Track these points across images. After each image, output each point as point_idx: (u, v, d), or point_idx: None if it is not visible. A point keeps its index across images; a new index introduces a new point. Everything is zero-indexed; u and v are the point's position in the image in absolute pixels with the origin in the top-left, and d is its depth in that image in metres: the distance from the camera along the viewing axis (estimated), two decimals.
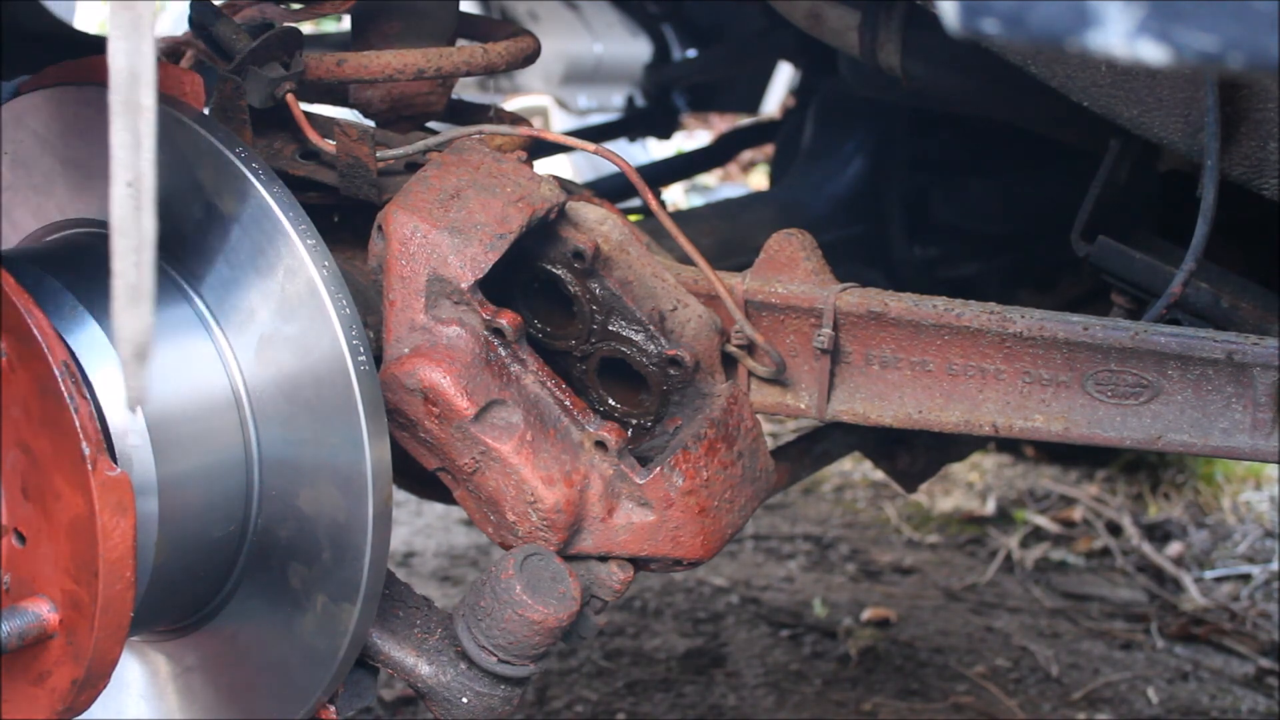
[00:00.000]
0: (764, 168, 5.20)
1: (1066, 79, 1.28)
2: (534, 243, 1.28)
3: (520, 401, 1.22)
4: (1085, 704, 2.47)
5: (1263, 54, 0.62)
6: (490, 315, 1.21)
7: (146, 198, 0.95)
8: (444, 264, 1.21)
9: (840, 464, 3.32)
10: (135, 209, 0.94)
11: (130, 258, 0.95)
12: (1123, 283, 1.44)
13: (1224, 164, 1.22)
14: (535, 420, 1.22)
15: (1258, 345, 1.18)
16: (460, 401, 1.20)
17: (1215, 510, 3.26)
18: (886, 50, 1.70)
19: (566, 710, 2.40)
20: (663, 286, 1.30)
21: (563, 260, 1.29)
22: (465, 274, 1.20)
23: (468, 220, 1.22)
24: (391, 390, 1.21)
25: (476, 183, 1.25)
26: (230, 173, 1.15)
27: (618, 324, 1.29)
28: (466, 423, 1.20)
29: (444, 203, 1.23)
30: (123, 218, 0.95)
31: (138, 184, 0.94)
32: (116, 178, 0.94)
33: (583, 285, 1.29)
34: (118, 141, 0.93)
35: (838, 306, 1.28)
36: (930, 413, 1.28)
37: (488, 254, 1.21)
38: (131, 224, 0.95)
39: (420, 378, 1.20)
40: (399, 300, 1.23)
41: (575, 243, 1.28)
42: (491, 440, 1.20)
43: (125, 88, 0.93)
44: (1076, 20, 0.65)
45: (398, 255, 1.22)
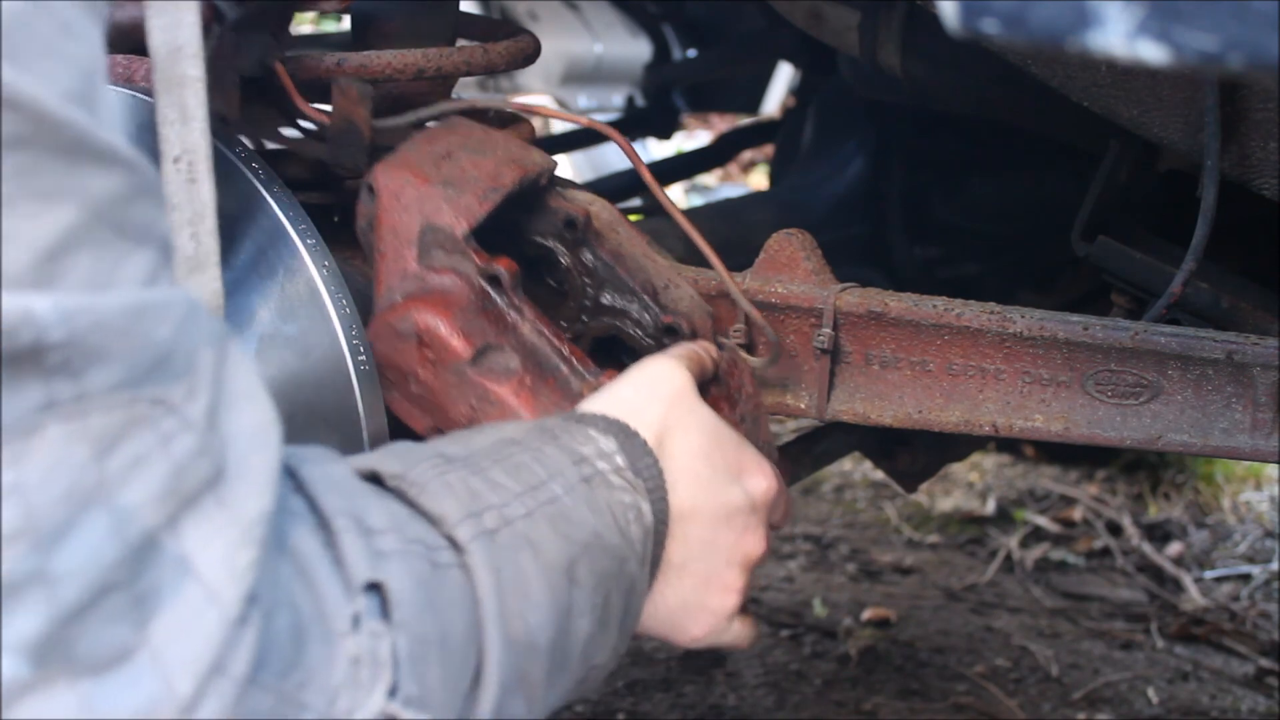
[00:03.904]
0: (764, 168, 5.20)
1: (1066, 79, 1.28)
2: (524, 217, 1.26)
3: (518, 348, 1.19)
4: (1085, 704, 2.47)
5: (1263, 54, 0.62)
6: (485, 263, 1.18)
7: (201, 169, 0.95)
8: (437, 212, 1.18)
9: (840, 464, 3.32)
10: (189, 181, 0.95)
11: (186, 230, 0.96)
12: (1123, 283, 1.44)
13: (1224, 164, 1.22)
14: (534, 367, 1.18)
15: (1258, 345, 1.18)
16: (456, 342, 1.16)
17: (1215, 510, 3.26)
18: (886, 50, 1.70)
19: (566, 710, 2.40)
20: (654, 265, 1.28)
21: (554, 233, 1.26)
22: (459, 222, 1.18)
23: (460, 175, 1.20)
24: (382, 340, 1.18)
25: (468, 146, 1.23)
26: (230, 173, 1.15)
27: (611, 297, 1.26)
28: (463, 365, 1.16)
29: (435, 161, 1.21)
30: (174, 192, 0.95)
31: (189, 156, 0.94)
32: (165, 154, 0.94)
33: (574, 257, 1.26)
34: (164, 119, 0.93)
35: (838, 306, 1.28)
36: (930, 413, 1.28)
37: (481, 204, 1.19)
38: (184, 197, 0.95)
39: (414, 320, 1.16)
40: (390, 252, 1.19)
41: (567, 211, 1.25)
42: (490, 383, 1.16)
43: (167, 63, 0.92)
44: (1076, 20, 0.65)
45: (388, 208, 1.19)
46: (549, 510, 0.94)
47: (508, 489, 0.93)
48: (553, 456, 0.99)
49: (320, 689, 0.75)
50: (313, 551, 0.79)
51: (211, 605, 0.69)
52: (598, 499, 0.98)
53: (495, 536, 0.89)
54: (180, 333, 0.71)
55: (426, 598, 0.82)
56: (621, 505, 1.00)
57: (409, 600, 0.81)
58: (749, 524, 1.10)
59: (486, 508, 0.90)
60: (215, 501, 0.71)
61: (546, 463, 0.97)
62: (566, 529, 0.94)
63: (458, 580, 0.85)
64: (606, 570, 0.97)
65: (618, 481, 1.01)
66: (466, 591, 0.85)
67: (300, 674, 0.74)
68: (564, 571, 0.92)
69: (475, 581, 0.86)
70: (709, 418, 1.11)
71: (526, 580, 0.89)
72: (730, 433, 1.12)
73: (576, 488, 0.98)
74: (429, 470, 0.91)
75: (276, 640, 0.73)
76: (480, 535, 0.88)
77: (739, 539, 1.09)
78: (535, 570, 0.90)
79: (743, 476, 1.10)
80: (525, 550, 0.90)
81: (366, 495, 0.85)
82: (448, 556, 0.86)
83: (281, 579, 0.76)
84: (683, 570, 1.07)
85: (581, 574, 0.94)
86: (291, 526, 0.79)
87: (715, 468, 1.08)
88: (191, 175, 0.94)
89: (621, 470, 1.02)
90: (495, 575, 0.87)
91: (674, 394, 1.10)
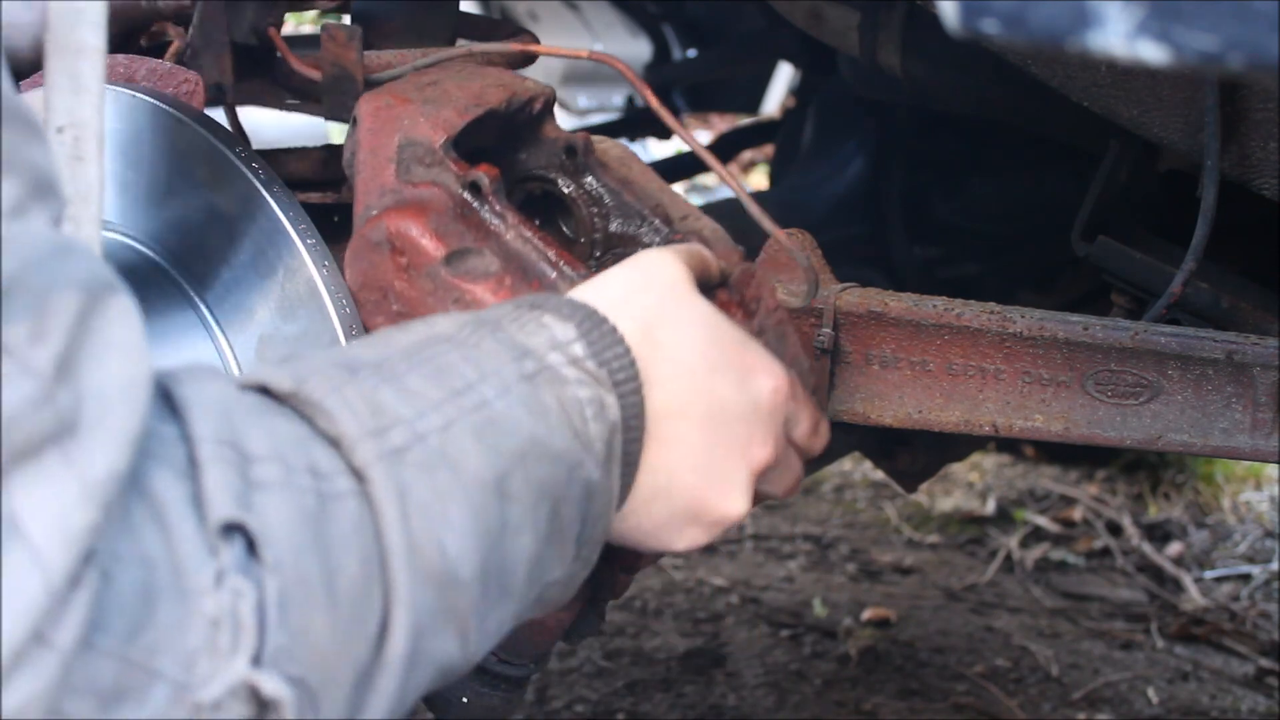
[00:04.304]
0: (764, 168, 5.20)
1: (1066, 79, 1.28)
2: (522, 153, 1.20)
3: (499, 253, 1.11)
4: (1085, 704, 2.47)
5: (1263, 54, 0.62)
6: (464, 171, 1.12)
7: (90, 146, 0.85)
8: (415, 127, 1.12)
9: (840, 464, 3.32)
10: (74, 158, 0.85)
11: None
12: (1123, 283, 1.44)
13: (1224, 164, 1.22)
14: (516, 270, 1.10)
15: (1258, 345, 1.18)
16: (428, 243, 1.09)
17: (1215, 510, 3.26)
18: (886, 50, 1.70)
19: (566, 710, 2.40)
20: (672, 198, 1.19)
21: (555, 165, 1.19)
22: (436, 133, 1.12)
23: (442, 95, 1.15)
24: (358, 256, 1.11)
25: (455, 75, 1.19)
26: (230, 173, 1.15)
27: (619, 223, 1.17)
28: (437, 266, 1.08)
29: (419, 88, 1.16)
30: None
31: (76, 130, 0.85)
32: (48, 123, 0.84)
33: (578, 185, 1.18)
34: (52, 84, 0.84)
35: (838, 306, 1.28)
36: (930, 413, 1.28)
37: (461, 116, 1.13)
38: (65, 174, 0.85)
39: (386, 227, 1.10)
40: (367, 171, 1.14)
41: (566, 138, 1.18)
42: (466, 284, 1.08)
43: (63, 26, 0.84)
44: (1076, 20, 0.65)
45: (367, 129, 1.14)
46: (474, 419, 0.83)
47: (424, 398, 0.82)
48: (490, 353, 0.87)
49: (174, 654, 0.67)
50: (172, 493, 0.70)
51: (35, 569, 0.63)
52: (542, 398, 0.87)
53: (403, 456, 0.78)
54: (29, 270, 0.65)
55: (309, 536, 0.72)
56: (576, 401, 0.89)
57: (284, 540, 0.71)
58: (753, 430, 0.99)
59: (394, 423, 0.79)
60: (60, 457, 0.64)
61: (480, 361, 0.86)
62: (495, 438, 0.83)
63: (352, 512, 0.75)
64: (550, 479, 0.86)
65: (572, 374, 0.89)
66: (365, 524, 0.75)
67: (150, 638, 0.67)
68: (492, 487, 0.82)
69: (376, 511, 0.76)
70: (707, 312, 1.00)
71: (443, 503, 0.79)
72: (735, 330, 1.01)
73: (514, 388, 0.86)
74: (325, 384, 0.79)
75: (121, 601, 0.66)
76: (383, 456, 0.77)
77: (741, 445, 0.98)
78: (454, 490, 0.80)
79: (747, 377, 0.99)
80: (441, 469, 0.79)
81: (251, 415, 0.75)
82: (344, 484, 0.75)
83: (134, 529, 0.68)
84: (671, 476, 0.96)
85: (516, 487, 0.83)
86: (153, 464, 0.70)
87: (712, 364, 0.98)
88: (78, 152, 0.85)
89: (579, 360, 0.90)
90: (400, 501, 0.76)
91: (666, 284, 1.00)
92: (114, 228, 1.20)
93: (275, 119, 2.70)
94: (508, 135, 1.18)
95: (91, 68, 0.85)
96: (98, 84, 0.85)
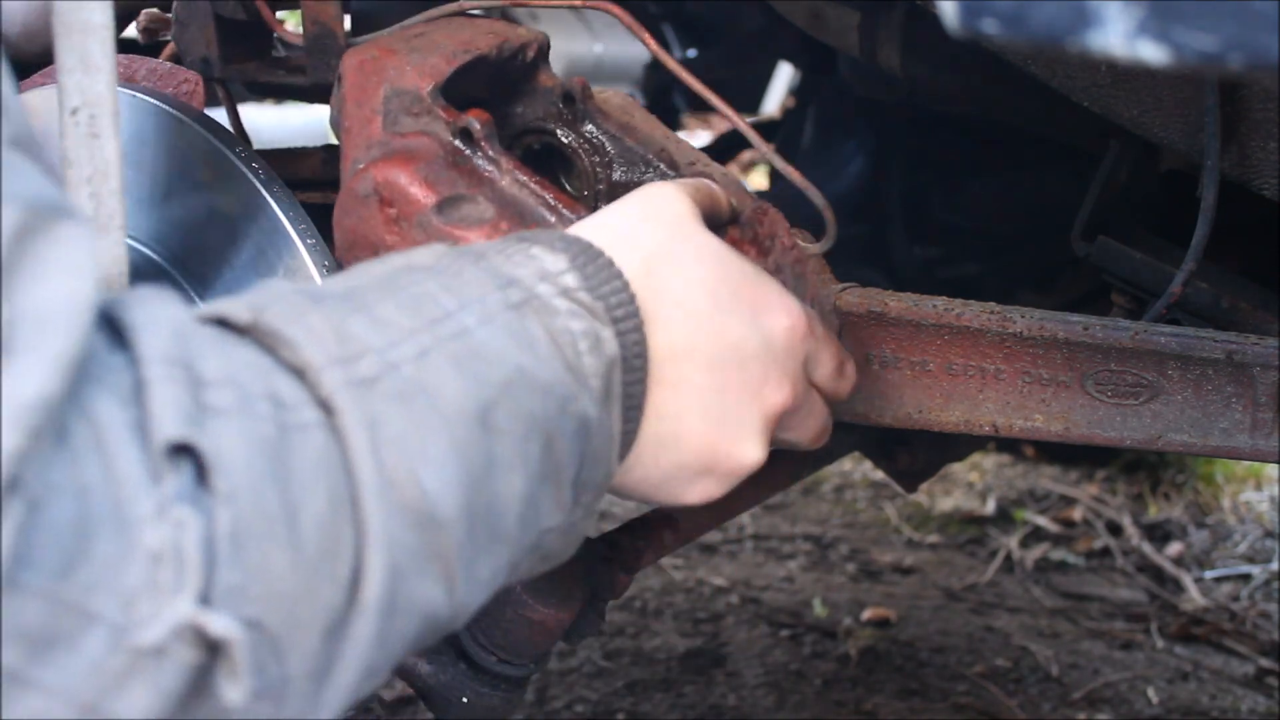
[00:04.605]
0: (764, 168, 5.20)
1: (1066, 79, 1.28)
2: (518, 106, 1.15)
3: (494, 199, 1.05)
4: (1085, 704, 2.47)
5: (1263, 54, 0.62)
6: (454, 118, 1.06)
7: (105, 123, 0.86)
8: (401, 76, 1.07)
9: (840, 464, 3.32)
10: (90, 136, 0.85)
11: (84, 189, 0.86)
12: (1123, 283, 1.44)
13: (1224, 164, 1.22)
14: (513, 215, 1.04)
15: (1258, 345, 1.17)
16: (416, 190, 1.03)
17: (1215, 510, 3.26)
18: (886, 50, 1.70)
19: (566, 710, 2.40)
20: (679, 146, 1.13)
21: (553, 115, 1.13)
22: (424, 80, 1.07)
23: (429, 44, 1.10)
24: (347, 213, 1.06)
25: (444, 26, 1.14)
26: (231, 173, 1.15)
27: (622, 171, 1.11)
28: (428, 214, 1.03)
29: (406, 40, 1.12)
30: (71, 146, 0.86)
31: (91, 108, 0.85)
32: (63, 105, 0.84)
33: (577, 134, 1.13)
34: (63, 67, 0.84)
35: (838, 306, 1.28)
36: (930, 413, 1.28)
37: (449, 62, 1.08)
38: (84, 152, 0.85)
39: (373, 178, 1.04)
40: (354, 125, 1.08)
41: (562, 84, 1.13)
42: (459, 231, 1.04)
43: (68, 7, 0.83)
44: (1076, 20, 0.65)
45: (352, 83, 1.09)
46: (453, 347, 0.76)
47: (397, 326, 0.75)
48: (471, 281, 0.81)
49: (112, 593, 0.61)
50: (115, 418, 0.63)
51: None
52: (529, 327, 0.81)
53: (375, 386, 0.72)
54: None
55: (268, 467, 0.66)
56: (568, 332, 0.82)
57: (239, 469, 0.65)
58: (768, 370, 0.92)
59: (364, 351, 0.73)
60: None
61: (460, 290, 0.80)
62: (478, 368, 0.77)
63: (318, 444, 0.69)
64: (541, 411, 0.79)
65: (563, 305, 0.83)
66: (332, 457, 0.69)
67: (85, 575, 0.61)
68: (475, 419, 0.75)
69: (345, 443, 0.70)
70: (716, 246, 0.94)
71: (421, 435, 0.72)
72: (746, 266, 0.94)
73: (497, 316, 0.80)
74: (287, 312, 0.73)
75: (52, 534, 0.60)
76: (351, 384, 0.71)
77: (754, 387, 0.91)
78: (433, 422, 0.73)
79: (760, 314, 0.92)
80: (417, 399, 0.73)
81: (206, 341, 0.69)
82: (308, 415, 0.69)
83: (72, 457, 0.61)
84: (679, 422, 0.89)
85: (501, 419, 0.76)
86: (96, 388, 0.64)
87: (720, 302, 0.91)
88: (94, 130, 0.85)
89: (571, 291, 0.84)
90: (371, 432, 0.70)
91: (670, 217, 0.93)
92: None
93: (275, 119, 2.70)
94: (502, 86, 1.13)
95: (100, 45, 0.84)
96: (108, 62, 0.84)
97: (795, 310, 0.95)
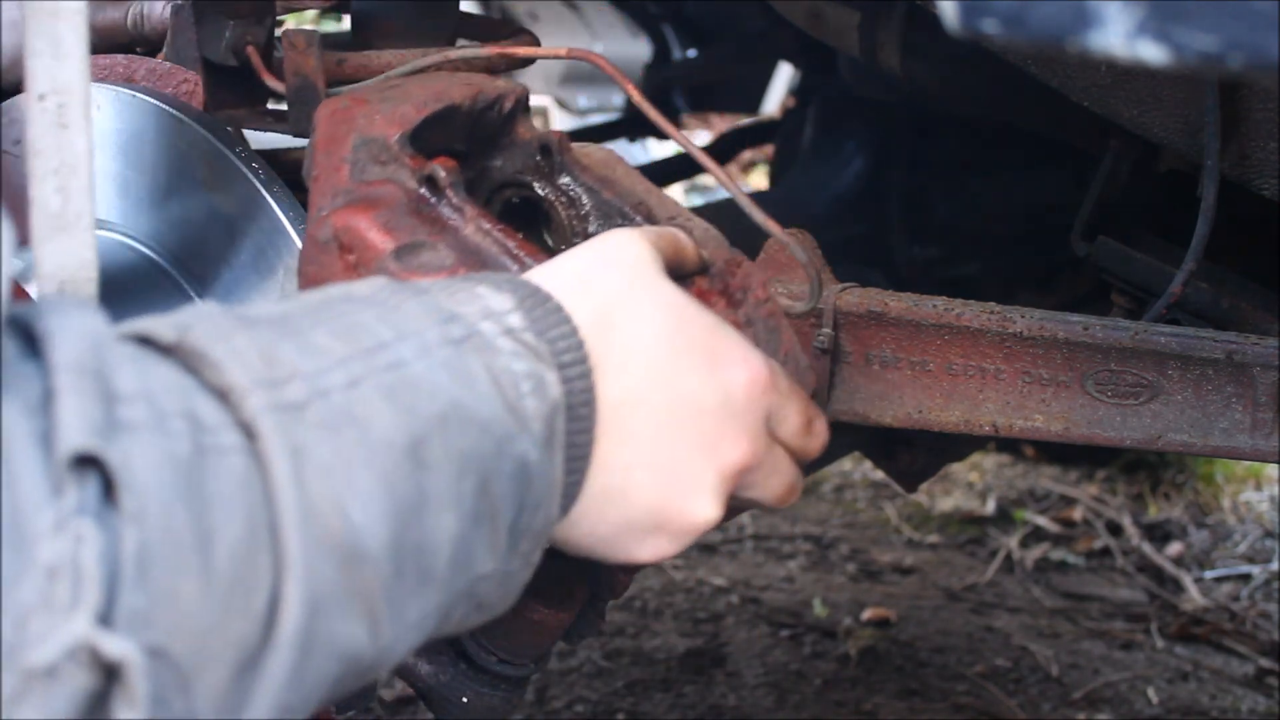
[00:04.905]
0: (764, 168, 5.20)
1: (1066, 79, 1.28)
2: (496, 160, 1.14)
3: (455, 246, 1.03)
4: (1085, 704, 2.47)
5: (1263, 54, 0.62)
6: (420, 165, 1.05)
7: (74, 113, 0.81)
8: (370, 125, 1.06)
9: (840, 464, 3.32)
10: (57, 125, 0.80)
11: (50, 182, 0.80)
12: (1123, 283, 1.45)
13: (1224, 164, 1.22)
14: (474, 263, 1.02)
15: (1258, 345, 1.17)
16: (375, 236, 1.01)
17: (1215, 510, 3.26)
18: (886, 50, 1.70)
19: (566, 710, 2.40)
20: (660, 200, 1.11)
21: (531, 167, 1.12)
22: (392, 128, 1.05)
23: (401, 94, 1.09)
24: (307, 261, 1.04)
25: (422, 78, 1.13)
26: (231, 173, 1.15)
27: (598, 225, 1.10)
28: (385, 260, 1.01)
29: (380, 89, 1.11)
30: (39, 135, 0.80)
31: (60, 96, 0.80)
32: (30, 90, 0.80)
33: (553, 186, 1.11)
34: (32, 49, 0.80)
35: (838, 306, 1.28)
36: (930, 413, 1.28)
37: (419, 111, 1.07)
38: (50, 142, 0.80)
39: (333, 225, 1.02)
40: (323, 173, 1.07)
41: (540, 137, 1.12)
42: (417, 278, 1.00)
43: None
44: (1076, 20, 0.65)
45: (323, 132, 1.07)
46: (386, 378, 0.73)
47: (329, 353, 0.72)
48: (410, 314, 0.78)
49: (6, 608, 0.58)
50: (19, 428, 0.60)
51: None
52: (468, 364, 0.77)
53: (302, 413, 0.68)
54: None
55: (181, 488, 0.63)
56: (509, 373, 0.79)
57: (149, 488, 0.62)
58: (724, 425, 0.88)
59: (291, 376, 0.69)
60: None
61: (399, 322, 0.77)
62: (411, 400, 0.73)
63: (237, 469, 0.65)
64: (476, 450, 0.75)
65: (506, 345, 0.80)
66: (252, 483, 0.66)
67: None
68: (406, 453, 0.72)
69: (266, 469, 0.66)
70: (674, 295, 0.90)
71: (347, 466, 0.69)
72: (706, 316, 0.91)
73: (435, 350, 0.76)
74: (212, 332, 0.69)
75: None
76: (276, 409, 0.67)
77: (709, 442, 0.87)
78: (360, 453, 0.70)
79: (718, 367, 0.89)
80: (345, 429, 0.70)
81: (123, 356, 0.65)
82: (229, 439, 0.66)
83: None
84: (627, 475, 0.86)
85: (434, 455, 0.73)
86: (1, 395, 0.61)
87: (675, 352, 0.87)
88: (62, 120, 0.80)
89: (515, 332, 0.81)
90: (295, 460, 0.67)
91: (630, 264, 0.90)
92: (115, 228, 1.20)
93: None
94: (479, 139, 1.13)
95: (71, 30, 0.79)
96: (79, 48, 0.80)
97: (756, 363, 0.91)
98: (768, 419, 0.92)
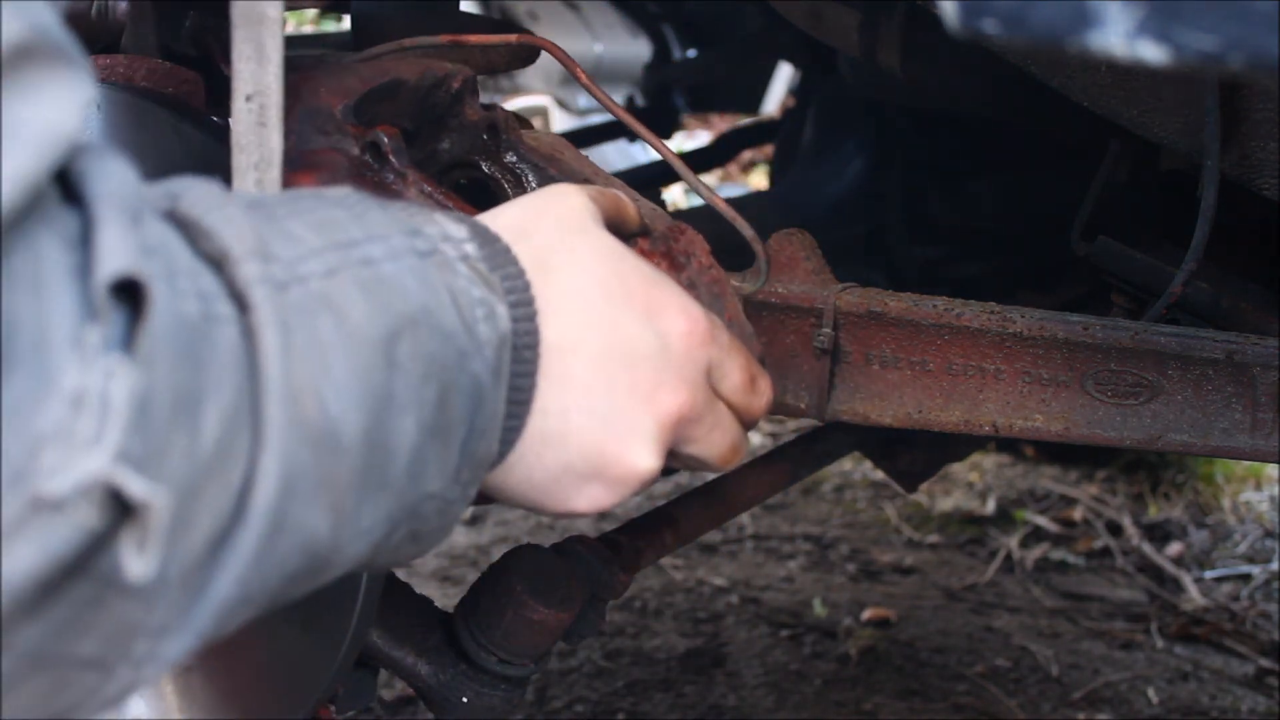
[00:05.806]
0: (764, 168, 5.20)
1: (1066, 79, 1.28)
2: (445, 142, 1.15)
3: None
4: (1085, 704, 2.47)
5: (1263, 54, 0.62)
6: (363, 134, 1.07)
7: (272, 113, 0.90)
8: (315, 96, 1.08)
9: (840, 464, 3.32)
10: (258, 124, 0.90)
11: (250, 175, 0.90)
12: (1123, 283, 1.44)
13: (1224, 164, 1.22)
14: None
15: (1258, 345, 1.18)
16: None
17: (1215, 510, 3.26)
18: (886, 50, 1.70)
19: (566, 710, 2.40)
20: (607, 180, 1.12)
21: (478, 147, 1.14)
22: (336, 99, 1.07)
23: (348, 70, 1.11)
24: None
25: (372, 60, 1.15)
26: None
27: None
28: None
29: (329, 69, 1.13)
30: (242, 133, 0.90)
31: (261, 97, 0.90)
32: (237, 91, 0.90)
33: (500, 164, 1.13)
34: (239, 54, 0.90)
35: (838, 306, 1.28)
36: (930, 412, 1.28)
37: (363, 84, 1.09)
38: (252, 139, 0.90)
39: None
40: None
41: (487, 117, 1.13)
42: None
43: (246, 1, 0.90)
44: (1076, 20, 0.65)
45: None
46: (361, 273, 0.73)
47: (304, 242, 0.71)
48: (378, 220, 0.77)
49: (18, 434, 0.56)
50: (59, 258, 0.59)
51: None
52: (432, 276, 0.77)
53: (285, 291, 0.68)
54: None
55: (185, 344, 0.62)
56: (468, 295, 0.79)
57: (163, 336, 0.60)
58: (662, 373, 0.87)
59: (275, 258, 0.69)
60: None
61: (369, 225, 0.76)
62: (386, 296, 0.73)
63: (231, 341, 0.64)
64: (440, 356, 0.75)
65: (464, 270, 0.80)
66: (241, 356, 0.65)
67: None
68: (380, 347, 0.72)
69: (256, 344, 0.65)
70: (613, 245, 0.90)
71: (325, 352, 0.68)
72: (645, 267, 0.91)
73: (404, 256, 0.76)
74: (204, 201, 0.69)
75: None
76: (267, 282, 0.67)
77: (646, 389, 0.86)
78: (338, 341, 0.69)
79: (655, 315, 0.88)
80: (324, 314, 0.69)
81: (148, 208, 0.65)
82: (223, 309, 0.65)
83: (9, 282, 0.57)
84: (565, 419, 0.85)
85: (404, 355, 0.73)
86: (43, 228, 0.59)
87: (612, 298, 0.87)
88: (262, 119, 0.90)
89: (470, 259, 0.81)
90: (284, 337, 0.66)
91: (569, 213, 0.90)
92: None
93: None
94: (428, 119, 1.13)
95: (272, 37, 0.89)
96: (278, 54, 0.89)
97: (695, 314, 0.90)
98: (709, 372, 0.92)
